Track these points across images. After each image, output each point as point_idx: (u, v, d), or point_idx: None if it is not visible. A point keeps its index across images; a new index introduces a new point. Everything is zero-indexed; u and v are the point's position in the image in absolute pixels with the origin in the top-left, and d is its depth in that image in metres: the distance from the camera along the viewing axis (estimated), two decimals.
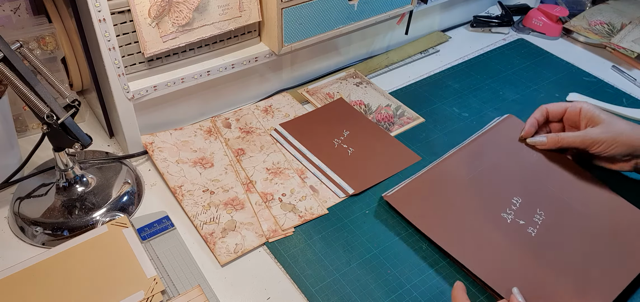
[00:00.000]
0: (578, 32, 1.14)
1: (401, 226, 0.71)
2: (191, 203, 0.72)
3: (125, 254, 0.63)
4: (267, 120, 0.88)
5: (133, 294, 0.58)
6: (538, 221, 0.70)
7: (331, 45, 0.98)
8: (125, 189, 0.73)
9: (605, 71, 1.05)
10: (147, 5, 0.71)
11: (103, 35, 0.68)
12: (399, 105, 0.92)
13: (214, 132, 0.84)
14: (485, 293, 0.63)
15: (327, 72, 1.01)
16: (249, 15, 0.80)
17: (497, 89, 0.98)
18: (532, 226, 0.69)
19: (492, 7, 1.24)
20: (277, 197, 0.73)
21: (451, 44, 1.12)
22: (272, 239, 0.68)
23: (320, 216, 0.71)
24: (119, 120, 0.76)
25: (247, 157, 0.80)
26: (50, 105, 0.61)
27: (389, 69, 1.03)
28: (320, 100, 0.92)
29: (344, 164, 0.79)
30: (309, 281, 0.63)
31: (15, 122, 0.79)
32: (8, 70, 0.59)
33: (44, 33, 0.77)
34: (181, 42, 0.76)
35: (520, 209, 0.71)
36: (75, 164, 0.70)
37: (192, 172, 0.76)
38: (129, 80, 0.75)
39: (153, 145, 0.80)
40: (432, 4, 1.06)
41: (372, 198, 0.74)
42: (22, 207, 0.69)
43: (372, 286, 0.63)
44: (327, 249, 0.67)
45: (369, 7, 0.89)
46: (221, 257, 0.65)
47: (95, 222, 0.68)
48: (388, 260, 0.66)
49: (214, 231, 0.68)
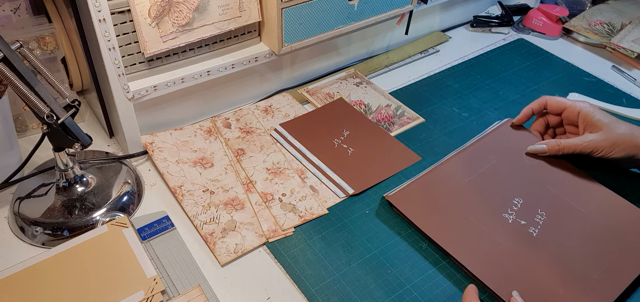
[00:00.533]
0: (578, 32, 1.14)
1: (401, 226, 0.71)
2: (191, 203, 0.72)
3: (125, 254, 0.63)
4: (267, 120, 0.88)
5: (133, 294, 0.58)
6: (539, 221, 0.70)
7: (331, 45, 0.98)
8: (125, 189, 0.73)
9: (605, 71, 1.05)
10: (147, 5, 0.71)
11: (103, 35, 0.68)
12: (399, 105, 0.92)
13: (214, 132, 0.84)
14: (485, 293, 0.63)
15: (327, 72, 1.01)
16: (249, 15, 0.80)
17: (497, 89, 0.98)
18: (533, 226, 0.69)
19: (492, 7, 1.24)
20: (277, 197, 0.73)
21: (451, 44, 1.12)
22: (272, 239, 0.68)
23: (320, 216, 0.71)
24: (119, 120, 0.76)
25: (247, 157, 0.80)
26: (50, 105, 0.61)
27: (389, 69, 1.03)
28: (320, 100, 0.92)
29: (344, 164, 0.79)
30: (309, 281, 0.63)
31: (15, 122, 0.79)
32: (8, 70, 0.59)
33: (44, 33, 0.77)
34: (181, 42, 0.76)
35: (521, 209, 0.71)
36: (75, 164, 0.70)
37: (192, 172, 0.76)
38: (129, 80, 0.75)
39: (153, 145, 0.80)
40: (432, 4, 1.06)
41: (372, 198, 0.74)
42: (22, 207, 0.69)
43: (372, 286, 0.63)
44: (327, 249, 0.67)
45: (369, 7, 0.89)
46: (221, 257, 0.65)
47: (95, 222, 0.68)
48: (388, 260, 0.66)
49: (214, 231, 0.68)
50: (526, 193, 0.73)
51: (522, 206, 0.71)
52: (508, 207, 0.71)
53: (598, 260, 0.65)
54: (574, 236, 0.68)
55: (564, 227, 0.69)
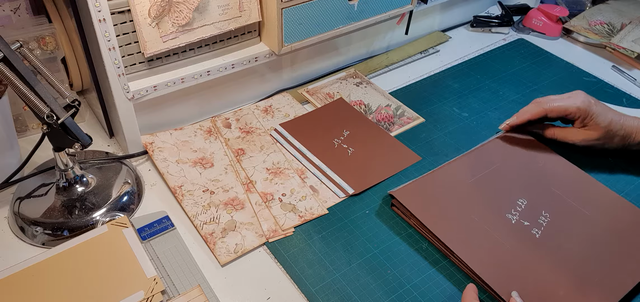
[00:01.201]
0: (578, 32, 1.14)
1: (401, 226, 0.71)
2: (191, 203, 0.72)
3: (125, 254, 0.63)
4: (267, 120, 0.88)
5: (133, 294, 0.58)
6: (543, 223, 0.69)
7: (331, 45, 0.98)
8: (125, 189, 0.73)
9: (605, 71, 1.05)
10: (147, 5, 0.71)
11: (103, 35, 0.68)
12: (399, 105, 0.92)
13: (214, 132, 0.84)
14: (485, 293, 0.63)
15: (327, 72, 1.01)
16: (249, 15, 0.80)
17: (497, 89, 0.98)
18: (536, 227, 0.69)
19: (492, 7, 1.24)
20: (277, 197, 0.73)
21: (451, 44, 1.12)
22: (272, 239, 0.68)
23: (320, 216, 0.71)
24: (119, 120, 0.76)
25: (247, 157, 0.80)
26: (50, 105, 0.61)
27: (389, 69, 1.03)
28: (320, 100, 0.92)
29: (344, 164, 0.79)
30: (309, 281, 0.63)
31: (15, 122, 0.79)
32: (8, 70, 0.59)
33: (44, 33, 0.77)
34: (181, 42, 0.76)
35: (525, 210, 0.71)
36: (75, 164, 0.70)
37: (192, 172, 0.76)
38: (129, 80, 0.75)
39: (153, 145, 0.80)
40: (432, 4, 1.06)
41: (372, 198, 0.74)
42: (22, 207, 0.69)
43: (372, 286, 0.63)
44: (327, 249, 0.67)
45: (369, 7, 0.89)
46: (221, 257, 0.65)
47: (95, 222, 0.68)
48: (388, 260, 0.66)
49: (214, 231, 0.68)
50: (530, 194, 0.73)
51: (526, 207, 0.71)
52: (512, 208, 0.71)
53: (601, 262, 0.64)
54: (577, 237, 0.68)
55: (567, 229, 0.69)
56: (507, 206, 0.71)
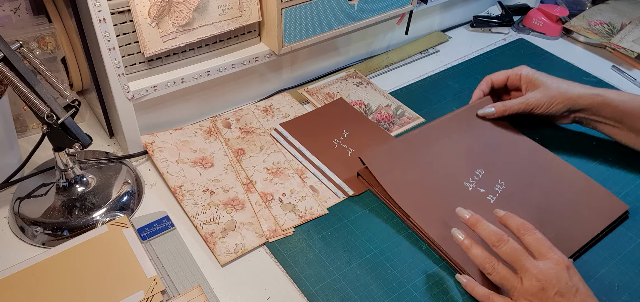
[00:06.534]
0: (578, 32, 1.14)
1: (401, 226, 0.71)
2: (191, 203, 0.72)
3: (125, 254, 0.63)
4: (267, 120, 0.88)
5: (133, 294, 0.58)
6: (498, 191, 0.73)
7: (331, 45, 0.98)
8: (125, 189, 0.73)
9: (605, 71, 1.05)
10: (147, 5, 0.71)
11: (103, 35, 0.68)
12: (399, 105, 0.92)
13: (214, 132, 0.84)
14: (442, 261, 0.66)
15: (327, 72, 1.01)
16: (249, 15, 0.80)
17: None
18: (492, 194, 0.72)
19: (492, 7, 1.24)
20: (277, 197, 0.73)
21: (451, 44, 1.12)
22: (272, 239, 0.68)
23: (320, 216, 0.71)
24: (119, 120, 0.76)
25: (247, 157, 0.80)
26: (50, 105, 0.61)
27: (389, 69, 1.03)
28: (320, 100, 0.92)
29: (344, 164, 0.79)
30: (309, 281, 0.63)
31: (15, 122, 0.79)
32: (8, 70, 0.59)
33: (44, 33, 0.77)
34: (181, 42, 0.76)
35: (482, 179, 0.74)
36: (75, 164, 0.70)
37: (192, 172, 0.76)
38: (129, 80, 0.75)
39: (153, 145, 0.80)
40: (432, 4, 1.06)
41: (372, 198, 0.74)
42: (22, 207, 0.69)
43: (372, 286, 0.63)
44: (327, 249, 0.67)
45: (369, 7, 0.89)
46: (221, 257, 0.65)
47: (95, 222, 0.68)
48: (388, 260, 0.66)
49: (214, 231, 0.68)
50: (489, 166, 0.76)
51: (483, 177, 0.75)
52: (469, 176, 0.74)
53: (551, 226, 0.67)
54: (530, 204, 0.71)
55: (521, 196, 0.72)
56: (465, 175, 0.75)
